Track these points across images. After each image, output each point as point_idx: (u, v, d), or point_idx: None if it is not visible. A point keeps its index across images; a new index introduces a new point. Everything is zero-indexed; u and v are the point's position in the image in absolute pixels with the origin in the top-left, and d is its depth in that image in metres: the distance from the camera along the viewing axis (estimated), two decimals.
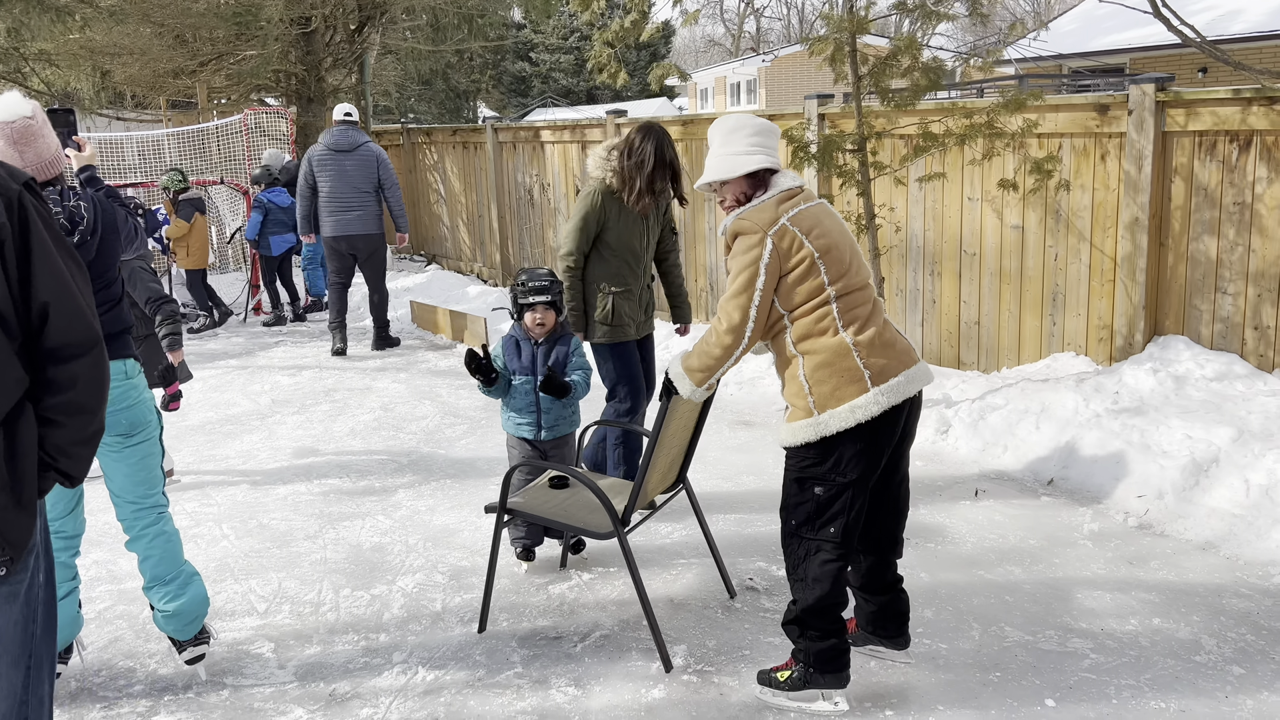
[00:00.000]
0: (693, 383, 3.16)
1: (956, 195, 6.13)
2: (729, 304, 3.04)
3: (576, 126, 9.31)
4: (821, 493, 3.04)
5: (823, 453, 3.01)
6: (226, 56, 12.44)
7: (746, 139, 3.12)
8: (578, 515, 3.61)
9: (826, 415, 2.97)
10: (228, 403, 7.04)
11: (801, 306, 3.02)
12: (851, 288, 3.03)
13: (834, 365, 2.98)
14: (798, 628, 3.15)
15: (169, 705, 3.35)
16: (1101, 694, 3.18)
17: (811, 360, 3.01)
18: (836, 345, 2.99)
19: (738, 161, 3.10)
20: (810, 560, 3.09)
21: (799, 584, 3.13)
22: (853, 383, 2.96)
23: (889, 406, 2.97)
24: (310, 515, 4.94)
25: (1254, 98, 4.81)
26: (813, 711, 3.16)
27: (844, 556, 3.08)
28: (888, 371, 2.99)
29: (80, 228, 3.12)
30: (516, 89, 35.50)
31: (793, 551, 3.14)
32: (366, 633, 3.78)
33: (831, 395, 2.97)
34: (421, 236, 12.73)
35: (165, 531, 3.43)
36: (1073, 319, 5.69)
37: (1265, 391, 4.77)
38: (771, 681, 3.21)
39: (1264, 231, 4.89)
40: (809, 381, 3.01)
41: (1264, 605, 3.68)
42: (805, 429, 3.01)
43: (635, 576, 3.46)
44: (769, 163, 3.11)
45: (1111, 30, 17.44)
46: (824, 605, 3.09)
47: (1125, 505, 4.51)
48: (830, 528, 3.05)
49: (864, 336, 3.00)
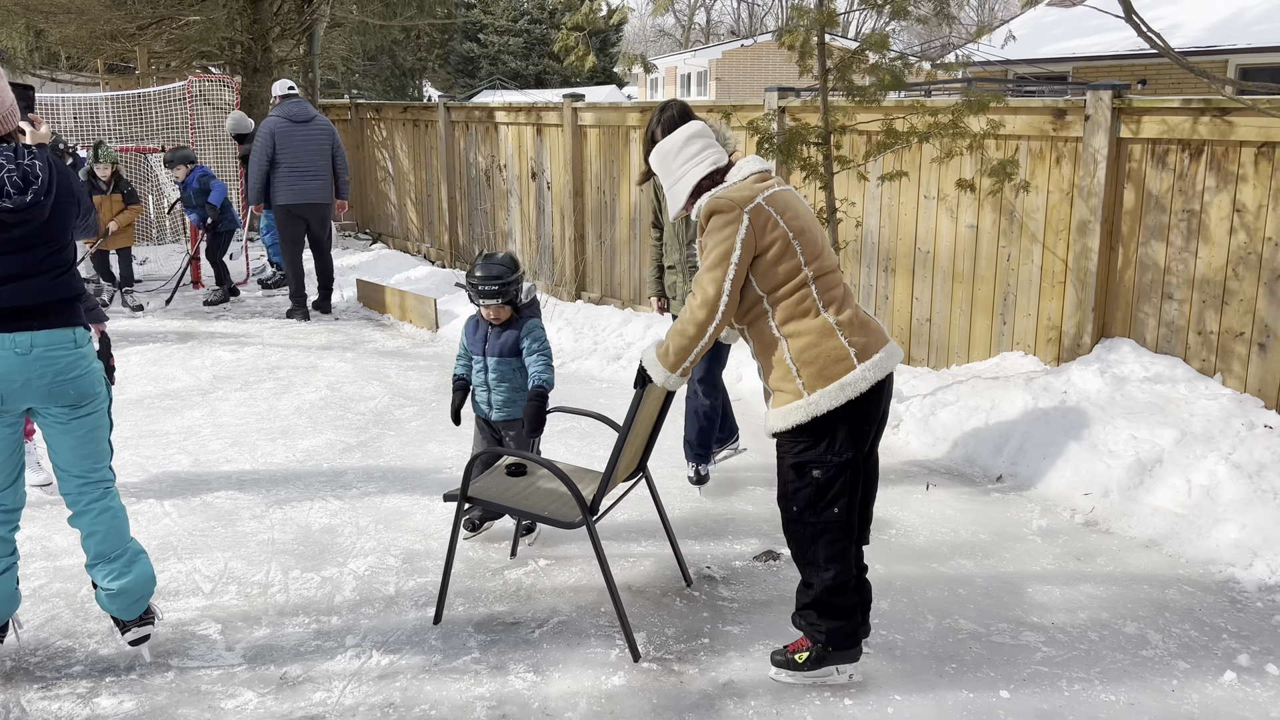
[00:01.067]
0: (667, 369, 3.15)
1: (913, 194, 6.19)
2: (703, 278, 3.05)
3: (533, 109, 9.21)
4: (820, 475, 3.06)
5: (816, 435, 3.03)
6: (168, 21, 12.06)
7: (674, 163, 3.23)
8: (542, 504, 3.56)
9: (817, 395, 2.99)
10: (167, 377, 6.83)
11: (782, 288, 3.04)
12: (825, 269, 3.09)
13: (820, 345, 3.01)
14: (815, 611, 3.18)
15: (111, 687, 3.23)
16: (1054, 686, 3.24)
17: (797, 342, 3.03)
18: (821, 325, 3.02)
19: (679, 189, 3.23)
20: (818, 543, 3.11)
21: (811, 568, 3.15)
22: (839, 361, 3.00)
23: (875, 382, 3.02)
24: (256, 494, 4.81)
25: (1205, 108, 4.93)
26: (830, 684, 3.22)
27: (850, 535, 3.12)
28: (870, 349, 3.04)
29: (34, 187, 2.98)
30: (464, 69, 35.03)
31: (798, 537, 3.16)
32: (318, 615, 3.70)
33: (820, 375, 2.99)
34: (368, 215, 12.51)
35: (111, 507, 3.30)
36: (1023, 319, 5.80)
37: (1207, 395, 4.91)
38: (789, 663, 3.22)
39: (1210, 240, 5.02)
40: (796, 363, 3.02)
41: (1205, 602, 3.79)
42: (796, 411, 3.02)
43: (604, 566, 3.42)
44: (711, 164, 3.19)
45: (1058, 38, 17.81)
46: (841, 584, 3.14)
47: (1072, 502, 4.61)
48: (834, 508, 3.08)
49: (844, 316, 3.05)
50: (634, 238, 8.25)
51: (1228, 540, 4.13)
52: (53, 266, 3.09)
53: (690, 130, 3.24)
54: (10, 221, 2.97)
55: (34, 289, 3.05)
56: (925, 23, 5.35)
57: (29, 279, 3.04)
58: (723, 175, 3.20)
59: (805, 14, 5.22)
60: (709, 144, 3.23)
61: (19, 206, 2.96)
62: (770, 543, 4.29)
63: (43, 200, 3.02)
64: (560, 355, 7.32)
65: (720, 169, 3.20)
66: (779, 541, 4.30)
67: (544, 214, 9.21)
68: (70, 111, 10.89)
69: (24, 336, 3.03)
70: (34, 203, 3.00)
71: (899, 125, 5.52)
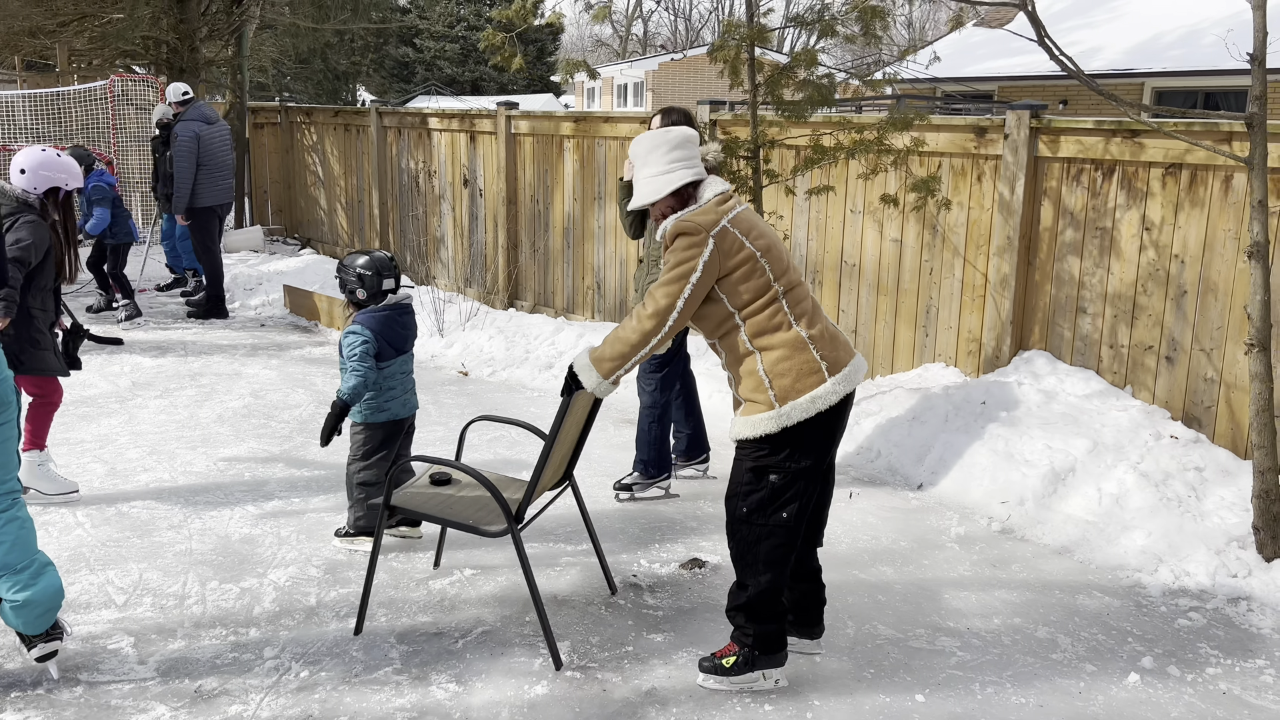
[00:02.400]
0: (600, 374, 3.16)
1: (840, 208, 6.31)
2: (658, 291, 3.08)
3: (466, 116, 9.17)
4: (777, 480, 3.12)
5: (779, 442, 3.10)
6: (90, 18, 11.75)
7: (665, 156, 3.20)
8: (467, 512, 3.54)
9: (788, 407, 3.05)
10: (83, 383, 6.64)
11: (752, 304, 3.10)
12: (793, 284, 3.16)
13: (792, 358, 3.07)
14: (743, 613, 3.22)
15: (16, 703, 3.13)
16: (967, 690, 3.32)
17: (770, 355, 3.09)
18: (793, 339, 3.09)
19: (661, 182, 3.20)
20: (761, 545, 3.16)
21: (748, 569, 3.19)
22: (811, 374, 3.07)
23: (844, 395, 3.10)
24: (174, 504, 4.71)
25: (1116, 129, 5.12)
26: (754, 690, 3.25)
27: (793, 541, 3.18)
28: (839, 362, 3.12)
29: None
30: (399, 74, 34.71)
31: (742, 538, 3.20)
32: (235, 627, 3.63)
33: (792, 387, 3.06)
34: (297, 219, 12.31)
35: (18, 517, 3.18)
36: (945, 332, 5.94)
37: (1118, 407, 5.08)
38: (716, 669, 3.25)
39: (1122, 256, 5.21)
40: (769, 375, 3.08)
41: (1113, 606, 3.92)
42: (766, 421, 3.07)
43: (528, 574, 3.42)
44: (692, 176, 3.20)
45: (984, 58, 18.28)
46: (774, 589, 3.19)
47: (990, 510, 4.73)
48: (783, 513, 3.14)
49: (815, 330, 3.13)
50: (567, 247, 8.26)
51: (1135, 547, 4.28)
52: None
53: (687, 133, 3.25)
54: None
55: None
56: (854, 41, 5.45)
57: None
58: (694, 191, 3.22)
59: (737, 29, 5.29)
60: (697, 156, 3.26)
61: None
62: (696, 551, 4.33)
63: None
64: (492, 364, 7.29)
65: (698, 183, 3.22)
66: (705, 549, 4.34)
67: (477, 221, 9.17)
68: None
69: None
70: None
71: (826, 141, 5.62)
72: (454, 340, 7.79)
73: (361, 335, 4.04)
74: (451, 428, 5.95)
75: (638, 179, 3.26)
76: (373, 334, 4.05)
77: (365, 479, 4.19)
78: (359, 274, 4.11)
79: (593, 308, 8.12)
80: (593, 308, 8.12)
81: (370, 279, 4.11)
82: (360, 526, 4.26)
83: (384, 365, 4.12)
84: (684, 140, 3.23)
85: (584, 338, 7.30)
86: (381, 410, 4.17)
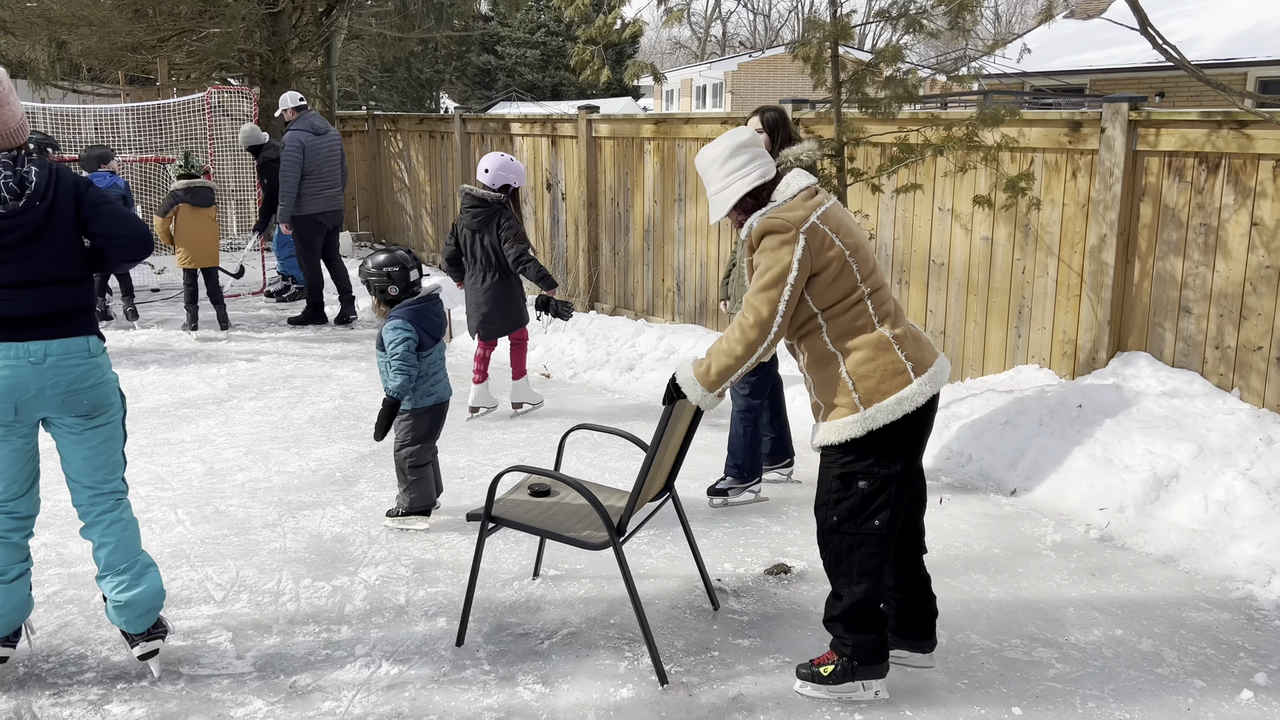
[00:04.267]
0: (705, 388, 3.07)
1: (928, 206, 6.17)
2: (756, 298, 2.98)
3: (548, 120, 9.24)
4: (866, 487, 3.04)
5: (865, 447, 3.01)
6: (189, 33, 12.18)
7: (720, 170, 3.14)
8: (567, 525, 3.46)
9: (874, 410, 2.97)
10: (183, 385, 6.87)
11: (837, 304, 3.01)
12: (878, 284, 3.07)
13: (877, 360, 2.99)
14: (840, 624, 3.15)
15: (122, 694, 3.24)
16: (1067, 704, 3.20)
17: (855, 356, 3.00)
18: (877, 340, 3.00)
19: (725, 196, 3.14)
20: (854, 555, 3.08)
21: (843, 580, 3.12)
22: (897, 375, 2.98)
23: (930, 396, 3.01)
24: (268, 503, 4.83)
25: (1223, 121, 4.90)
26: (854, 700, 3.18)
27: (888, 549, 3.10)
28: (924, 362, 3.03)
29: (28, 193, 2.99)
30: (481, 81, 35.23)
31: (834, 548, 3.13)
32: (328, 624, 3.70)
33: (877, 389, 2.98)
34: (384, 225, 12.57)
35: (123, 519, 3.28)
36: (1038, 332, 5.77)
37: (1224, 410, 4.86)
38: (814, 676, 3.20)
39: (1229, 253, 4.99)
40: (853, 378, 3.00)
41: (1222, 619, 3.74)
42: (851, 425, 2.99)
43: (631, 588, 3.30)
44: (755, 180, 3.11)
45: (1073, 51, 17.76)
46: (871, 599, 3.11)
47: (1087, 517, 4.57)
48: (875, 520, 3.05)
49: (899, 330, 3.04)
50: (647, 249, 8.26)
51: (1245, 557, 4.09)
52: (63, 275, 3.09)
53: (739, 139, 3.14)
54: (5, 228, 2.98)
55: (46, 298, 3.06)
56: (939, 37, 5.34)
57: (37, 287, 3.04)
58: (770, 189, 3.14)
59: (819, 26, 5.22)
60: (756, 155, 3.15)
61: (11, 212, 2.98)
62: (781, 556, 4.27)
63: (36, 205, 3.01)
64: (573, 366, 7.33)
65: (767, 183, 3.13)
66: (790, 555, 4.29)
67: (558, 225, 9.24)
68: (91, 123, 11.00)
69: (38, 345, 3.04)
70: (27, 208, 3.00)
71: (913, 138, 5.51)
72: (536, 343, 7.84)
73: (405, 331, 4.29)
74: (534, 429, 5.99)
75: (709, 195, 3.21)
76: (415, 328, 4.30)
77: (416, 461, 4.45)
78: (388, 273, 4.36)
79: (673, 309, 8.11)
80: (673, 309, 8.11)
81: (399, 274, 4.36)
82: (411, 507, 4.48)
83: (426, 354, 4.37)
84: (736, 148, 3.12)
85: (664, 340, 7.28)
86: (428, 395, 4.44)
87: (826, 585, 4.00)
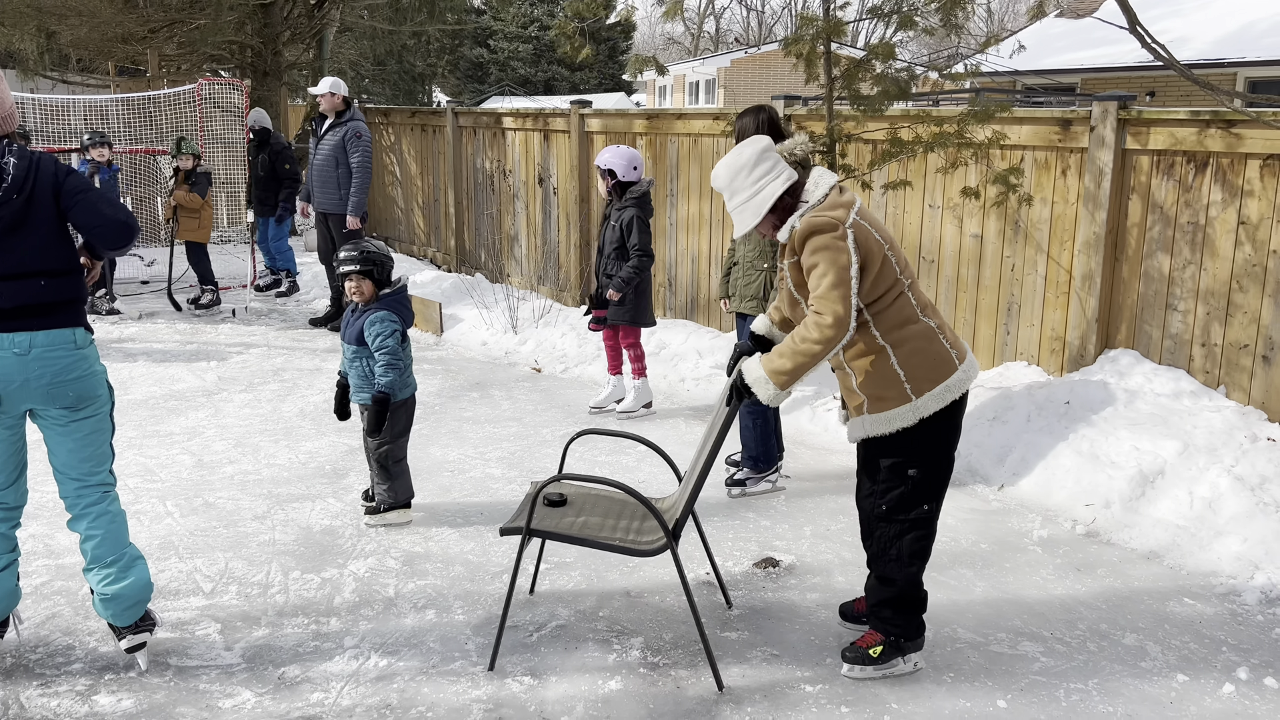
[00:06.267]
0: (777, 386, 3.08)
1: (918, 202, 6.19)
2: (829, 296, 2.99)
3: (540, 115, 9.23)
4: (916, 474, 3.15)
5: (916, 435, 3.11)
6: (180, 24, 12.13)
7: (748, 178, 3.14)
8: (611, 532, 3.33)
9: (924, 399, 3.07)
10: (172, 378, 6.86)
11: (882, 298, 3.08)
12: (911, 277, 3.16)
13: (926, 350, 3.09)
14: (891, 607, 3.27)
15: (110, 685, 3.24)
16: (1051, 697, 3.23)
17: (905, 348, 3.08)
18: (924, 330, 3.11)
19: (756, 204, 3.14)
20: (904, 540, 3.22)
21: (894, 565, 3.24)
22: (943, 363, 3.09)
23: (971, 383, 3.13)
24: (258, 495, 4.83)
25: (1211, 120, 4.93)
26: (895, 674, 3.29)
27: (934, 530, 3.24)
28: (963, 350, 3.16)
29: (4, 186, 2.97)
30: (473, 75, 35.16)
31: (883, 535, 3.24)
32: (317, 616, 3.70)
33: (926, 379, 3.07)
34: (375, 219, 12.54)
35: (110, 511, 3.27)
36: (1026, 329, 5.79)
37: (1210, 407, 4.89)
38: (863, 658, 3.29)
39: (1216, 251, 5.02)
40: (903, 369, 3.08)
41: (1206, 614, 3.77)
42: (903, 415, 3.09)
43: (689, 594, 3.20)
44: (784, 183, 3.12)
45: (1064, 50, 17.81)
46: (919, 578, 3.25)
47: (1073, 513, 4.60)
48: (924, 505, 3.19)
49: (938, 321, 3.15)
50: None
51: (1229, 553, 4.12)
52: (47, 267, 3.06)
53: (761, 144, 3.16)
54: None
55: (29, 289, 3.03)
56: (932, 34, 5.35)
57: (20, 279, 3.02)
58: (799, 190, 3.15)
59: (812, 23, 5.23)
60: (778, 158, 3.17)
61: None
62: (770, 550, 4.29)
63: (14, 199, 2.99)
64: (564, 360, 7.33)
65: (796, 184, 3.15)
66: (779, 549, 4.30)
67: (550, 219, 9.23)
68: (80, 113, 10.94)
69: (23, 336, 3.03)
70: (4, 200, 2.97)
71: (904, 134, 5.52)
72: (527, 337, 7.85)
73: (393, 323, 4.28)
74: (526, 424, 6.00)
75: (731, 209, 3.21)
76: (400, 320, 4.31)
77: (398, 454, 4.47)
78: (380, 260, 4.31)
79: (664, 305, 8.11)
80: (664, 305, 8.11)
81: (387, 261, 4.36)
82: (395, 502, 4.48)
83: (404, 346, 4.38)
84: (762, 152, 3.14)
85: (655, 335, 7.29)
86: (405, 387, 4.43)
87: (814, 579, 4.03)
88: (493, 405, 6.38)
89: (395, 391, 4.28)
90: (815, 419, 5.91)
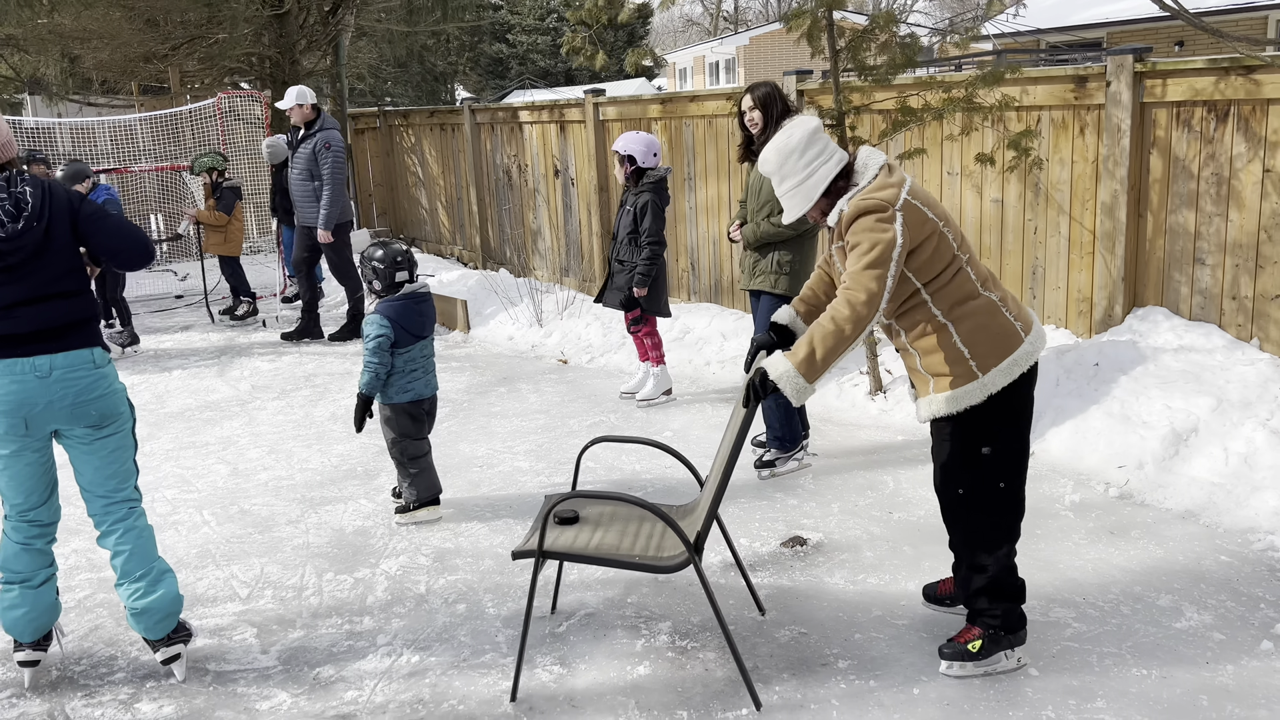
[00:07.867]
0: (807, 381, 2.91)
1: (936, 170, 6.12)
2: (863, 275, 2.89)
3: (554, 106, 9.24)
4: (990, 451, 3.04)
5: (985, 413, 3.01)
6: (199, 40, 12.28)
7: (799, 161, 3.08)
8: (629, 550, 3.20)
9: (992, 374, 2.97)
10: (207, 389, 6.98)
11: (940, 275, 3.00)
12: (969, 251, 3.08)
13: (989, 325, 3.00)
14: (986, 596, 3.15)
15: (151, 693, 3.32)
16: (1084, 662, 3.19)
17: (967, 324, 2.99)
18: (986, 305, 3.02)
19: (808, 188, 3.08)
20: (987, 522, 3.10)
21: (980, 549, 3.13)
22: (1009, 337, 3.00)
23: (1039, 353, 3.03)
24: (292, 500, 4.90)
25: (1231, 67, 4.81)
26: (997, 671, 3.15)
27: (1020, 509, 3.12)
28: (1029, 321, 3.06)
29: (25, 214, 3.06)
30: (494, 71, 35.21)
31: (965, 519, 3.14)
32: (350, 616, 3.76)
33: (991, 353, 2.98)
34: (401, 220, 12.64)
35: (137, 526, 3.33)
36: (1052, 292, 5.71)
37: (1243, 361, 4.80)
38: (962, 654, 3.15)
39: (1242, 202, 4.91)
40: (967, 345, 2.99)
41: (1243, 571, 3.71)
42: (971, 393, 2.98)
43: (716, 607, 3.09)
44: (836, 165, 3.07)
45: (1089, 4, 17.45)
46: (1012, 562, 3.13)
47: (1106, 475, 4.54)
48: (1001, 483, 3.07)
49: (1000, 293, 3.06)
50: None
51: (1267, 508, 4.04)
52: (64, 290, 3.15)
53: (810, 125, 3.10)
54: (5, 250, 3.06)
55: (48, 313, 3.12)
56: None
57: (39, 303, 3.11)
58: (850, 172, 3.11)
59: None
60: (829, 140, 3.12)
61: (10, 235, 3.05)
62: (797, 528, 4.28)
63: (34, 226, 3.08)
64: (590, 350, 7.35)
65: (847, 164, 3.11)
66: (806, 527, 4.29)
67: (571, 211, 9.25)
68: (107, 135, 11.14)
69: (43, 360, 3.11)
70: (25, 229, 3.07)
71: (913, 102, 5.45)
72: (553, 329, 7.88)
73: (379, 325, 4.37)
74: (553, 415, 6.02)
75: (781, 194, 3.14)
76: (390, 323, 4.37)
77: (412, 452, 4.53)
78: (374, 268, 4.45)
79: (688, 289, 8.10)
80: (688, 289, 8.10)
81: (384, 272, 4.44)
82: (420, 499, 4.55)
83: (404, 351, 4.43)
84: (812, 134, 3.08)
85: (679, 319, 7.29)
86: (405, 391, 4.48)
87: (842, 555, 4.02)
88: (520, 399, 6.42)
89: (372, 392, 4.38)
90: (842, 395, 5.87)
